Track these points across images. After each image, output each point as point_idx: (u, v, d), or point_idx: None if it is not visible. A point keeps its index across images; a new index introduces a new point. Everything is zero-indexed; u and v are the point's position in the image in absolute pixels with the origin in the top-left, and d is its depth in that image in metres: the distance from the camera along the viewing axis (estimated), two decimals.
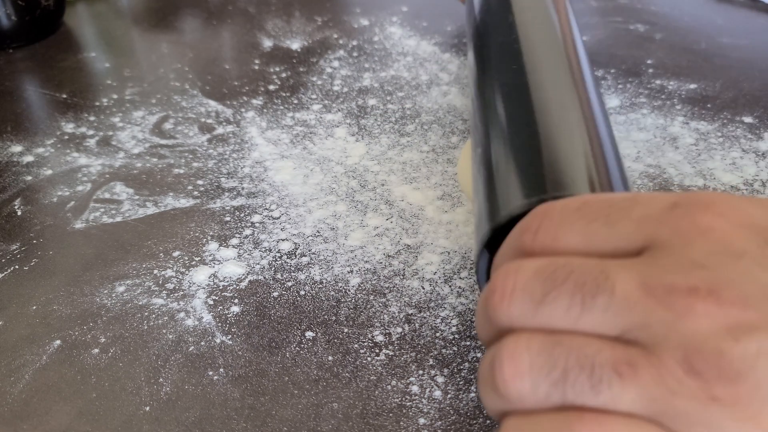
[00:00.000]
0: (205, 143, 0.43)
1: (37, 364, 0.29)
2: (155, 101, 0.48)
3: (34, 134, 0.44)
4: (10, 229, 0.36)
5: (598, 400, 0.16)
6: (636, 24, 0.55)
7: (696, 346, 0.15)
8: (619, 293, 0.16)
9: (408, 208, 0.37)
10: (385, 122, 0.44)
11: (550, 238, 0.18)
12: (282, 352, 0.29)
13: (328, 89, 0.48)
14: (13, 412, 0.27)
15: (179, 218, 0.37)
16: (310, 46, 0.54)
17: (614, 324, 0.16)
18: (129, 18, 0.61)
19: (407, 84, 0.48)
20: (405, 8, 0.59)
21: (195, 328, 0.30)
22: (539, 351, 0.16)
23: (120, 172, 0.41)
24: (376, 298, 0.31)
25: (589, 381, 0.16)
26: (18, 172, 0.41)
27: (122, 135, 0.44)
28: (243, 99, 0.47)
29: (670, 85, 0.46)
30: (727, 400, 0.15)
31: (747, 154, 0.40)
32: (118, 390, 0.27)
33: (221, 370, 0.28)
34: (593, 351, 0.16)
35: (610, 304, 0.16)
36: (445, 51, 0.52)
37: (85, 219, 0.37)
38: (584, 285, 0.16)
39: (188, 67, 0.52)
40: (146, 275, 0.33)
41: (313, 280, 0.32)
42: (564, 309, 0.17)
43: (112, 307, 0.31)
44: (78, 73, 0.52)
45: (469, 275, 0.32)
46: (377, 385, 0.27)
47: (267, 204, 0.37)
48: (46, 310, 0.31)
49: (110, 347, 0.29)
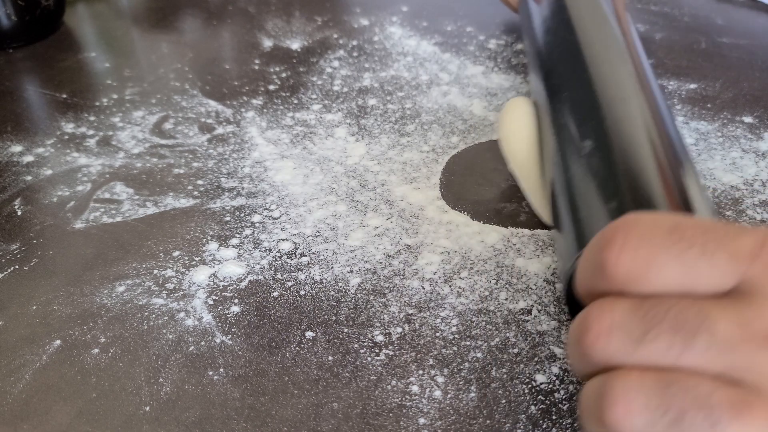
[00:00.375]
0: (205, 143, 0.43)
1: (37, 364, 0.29)
2: (155, 101, 0.48)
3: (34, 134, 0.44)
4: (10, 229, 0.36)
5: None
6: (636, 24, 0.55)
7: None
8: (721, 334, 0.16)
9: (408, 208, 0.37)
10: (385, 122, 0.44)
11: (642, 260, 0.17)
12: (282, 352, 0.29)
13: (328, 89, 0.48)
14: (13, 412, 0.27)
15: (179, 218, 0.37)
16: (310, 46, 0.54)
17: (716, 363, 0.16)
18: (129, 18, 0.61)
19: (407, 84, 0.48)
20: (405, 8, 0.59)
21: (195, 328, 0.30)
22: (652, 390, 0.17)
23: (120, 172, 0.41)
24: (376, 298, 0.31)
25: (707, 421, 0.16)
26: (18, 172, 0.41)
27: (122, 135, 0.44)
28: (243, 99, 0.47)
29: (670, 85, 0.46)
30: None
31: (747, 154, 0.40)
32: (118, 390, 0.27)
33: (221, 370, 0.28)
34: (708, 391, 0.16)
35: (712, 344, 0.16)
36: (446, 51, 0.52)
37: (85, 219, 0.37)
38: (685, 323, 0.17)
39: (188, 67, 0.52)
40: (146, 275, 0.33)
41: (313, 280, 0.32)
42: (664, 348, 0.17)
43: (112, 307, 0.31)
44: (78, 73, 0.52)
45: (469, 275, 0.32)
46: (377, 385, 0.27)
47: (267, 204, 0.37)
48: (46, 310, 0.31)
49: (110, 347, 0.29)
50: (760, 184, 0.37)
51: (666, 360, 0.17)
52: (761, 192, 0.37)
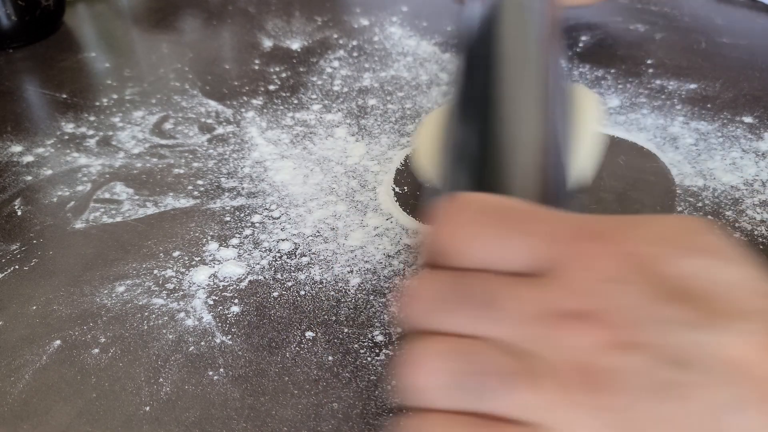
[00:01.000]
0: (205, 143, 0.43)
1: (37, 364, 0.29)
2: (155, 101, 0.48)
3: (34, 134, 0.44)
4: (10, 229, 0.36)
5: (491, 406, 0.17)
6: (636, 24, 0.55)
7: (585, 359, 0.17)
8: (516, 308, 0.18)
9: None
10: (385, 122, 0.44)
11: (464, 237, 0.19)
12: (282, 352, 0.29)
13: (328, 89, 0.48)
14: (13, 412, 0.27)
15: (179, 218, 0.37)
16: (310, 46, 0.54)
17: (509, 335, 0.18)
18: (129, 18, 0.61)
19: (407, 84, 0.48)
20: (405, 8, 0.59)
21: (195, 328, 0.30)
22: (451, 354, 0.18)
23: (120, 172, 0.41)
24: (376, 298, 0.31)
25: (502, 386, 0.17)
26: (18, 172, 0.41)
27: (122, 135, 0.44)
28: (243, 99, 0.47)
29: (670, 85, 0.46)
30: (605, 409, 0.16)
31: (747, 154, 0.40)
32: (118, 390, 0.27)
33: (221, 370, 0.28)
34: (504, 360, 0.17)
35: (507, 317, 0.18)
36: (445, 51, 0.52)
37: (85, 219, 0.37)
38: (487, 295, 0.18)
39: (188, 67, 0.52)
40: (146, 275, 0.33)
41: (313, 280, 0.32)
42: (465, 317, 0.18)
43: (112, 307, 0.31)
44: (78, 73, 0.52)
45: None
46: (377, 385, 0.27)
47: (267, 204, 0.37)
48: (46, 310, 0.31)
49: (110, 347, 0.29)
50: (760, 184, 0.37)
51: (465, 329, 0.18)
52: (761, 192, 0.37)
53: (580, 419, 0.16)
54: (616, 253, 0.18)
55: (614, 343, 0.17)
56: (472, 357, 0.18)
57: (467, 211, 0.20)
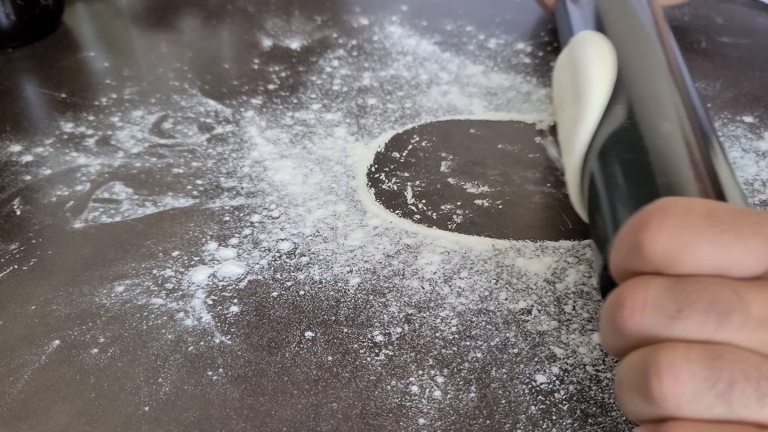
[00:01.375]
0: (204, 143, 0.43)
1: (36, 364, 0.29)
2: (154, 101, 0.47)
3: (33, 134, 0.44)
4: (9, 229, 0.36)
5: (763, 413, 0.16)
6: None
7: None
8: (755, 313, 0.17)
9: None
10: (385, 122, 0.44)
11: (678, 242, 0.18)
12: (281, 352, 0.29)
13: (328, 89, 0.48)
14: (12, 412, 0.27)
15: (178, 218, 0.37)
16: (309, 46, 0.54)
17: (751, 341, 0.17)
18: (128, 17, 0.61)
19: (407, 83, 0.48)
20: (405, 7, 0.59)
21: (194, 328, 0.30)
22: (700, 361, 0.17)
23: (119, 172, 0.40)
24: (375, 298, 0.31)
25: (755, 393, 0.16)
26: (17, 171, 0.41)
27: (121, 134, 0.44)
28: (242, 98, 0.47)
29: None
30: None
31: (747, 153, 0.40)
32: (117, 390, 0.27)
33: (220, 370, 0.28)
34: (756, 364, 0.16)
35: (746, 322, 0.17)
36: (445, 50, 0.52)
37: (84, 219, 0.37)
38: (719, 302, 0.17)
39: (187, 67, 0.52)
40: (145, 275, 0.33)
41: (313, 280, 0.32)
42: (699, 325, 0.17)
43: (111, 307, 0.31)
44: (77, 72, 0.52)
45: (468, 275, 0.32)
46: (377, 385, 0.27)
47: (266, 204, 0.37)
48: (45, 310, 0.31)
49: (109, 347, 0.29)
50: (760, 183, 0.37)
51: (701, 336, 0.17)
52: (761, 192, 0.37)
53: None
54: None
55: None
56: (731, 361, 0.17)
57: (676, 214, 0.18)
